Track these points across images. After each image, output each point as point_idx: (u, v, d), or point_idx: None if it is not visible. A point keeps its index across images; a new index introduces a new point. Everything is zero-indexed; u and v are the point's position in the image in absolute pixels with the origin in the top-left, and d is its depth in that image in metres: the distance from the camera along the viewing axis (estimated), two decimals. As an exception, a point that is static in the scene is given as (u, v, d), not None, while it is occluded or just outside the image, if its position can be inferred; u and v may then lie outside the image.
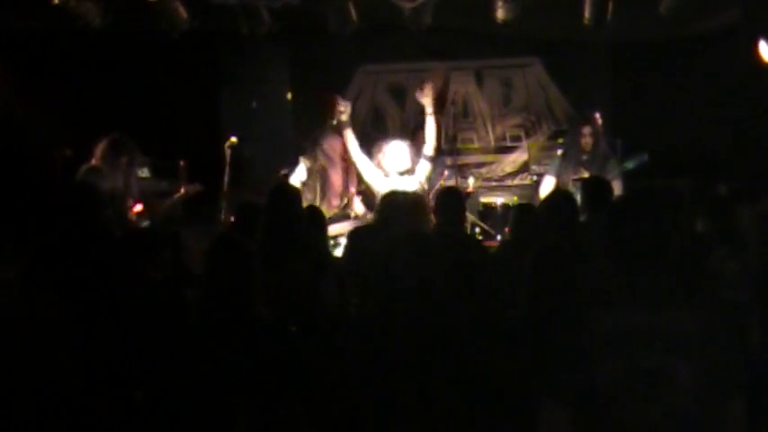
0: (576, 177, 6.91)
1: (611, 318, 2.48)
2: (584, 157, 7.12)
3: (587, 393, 2.47)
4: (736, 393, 2.50)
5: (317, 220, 5.19)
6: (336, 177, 7.08)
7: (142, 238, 4.39)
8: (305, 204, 5.28)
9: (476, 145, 9.14)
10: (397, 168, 6.31)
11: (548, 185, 7.17)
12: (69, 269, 3.76)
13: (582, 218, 5.04)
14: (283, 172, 7.30)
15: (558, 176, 7.14)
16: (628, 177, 7.19)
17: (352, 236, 5.24)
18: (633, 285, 2.52)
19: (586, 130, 7.17)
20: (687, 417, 2.44)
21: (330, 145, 7.01)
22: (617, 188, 6.35)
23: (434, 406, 2.86)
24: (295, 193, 5.12)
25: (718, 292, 4.14)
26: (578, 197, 6.67)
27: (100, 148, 6.30)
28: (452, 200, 5.29)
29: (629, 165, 7.01)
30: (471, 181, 8.39)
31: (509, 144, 9.15)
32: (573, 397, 2.50)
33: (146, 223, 6.49)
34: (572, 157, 7.19)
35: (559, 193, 5.40)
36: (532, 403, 2.69)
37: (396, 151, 6.38)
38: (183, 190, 6.85)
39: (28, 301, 2.99)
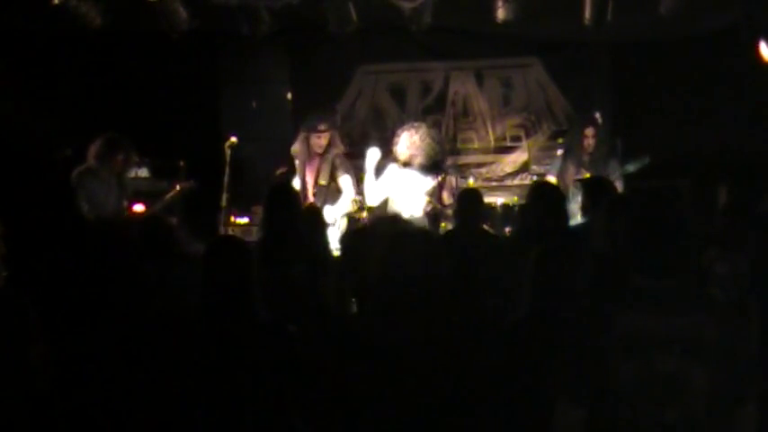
0: (577, 178, 6.91)
1: (629, 320, 2.47)
2: (586, 158, 7.12)
3: (602, 395, 2.47)
4: (750, 399, 2.50)
5: (316, 220, 5.20)
6: (309, 173, 7.05)
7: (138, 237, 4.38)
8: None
9: (476, 145, 9.14)
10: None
11: None
12: (64, 269, 3.77)
13: (583, 218, 5.05)
14: (280, 171, 7.29)
15: (560, 177, 7.14)
16: (627, 178, 7.20)
17: (352, 235, 5.25)
18: (652, 288, 2.51)
19: (589, 131, 7.17)
20: (702, 422, 2.43)
21: (311, 141, 6.97)
22: (618, 189, 6.35)
23: (435, 405, 2.86)
24: (294, 193, 5.13)
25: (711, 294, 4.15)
26: (579, 197, 6.70)
27: (95, 147, 6.29)
28: (470, 201, 5.39)
29: (631, 168, 7.01)
30: (471, 181, 8.41)
31: (509, 144, 9.15)
32: (587, 398, 2.49)
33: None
34: (573, 158, 7.19)
35: (538, 186, 5.44)
36: (538, 402, 2.69)
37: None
38: (178, 187, 6.85)
39: (6, 301, 3.01)
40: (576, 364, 2.53)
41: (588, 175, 6.83)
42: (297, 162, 6.98)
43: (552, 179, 7.18)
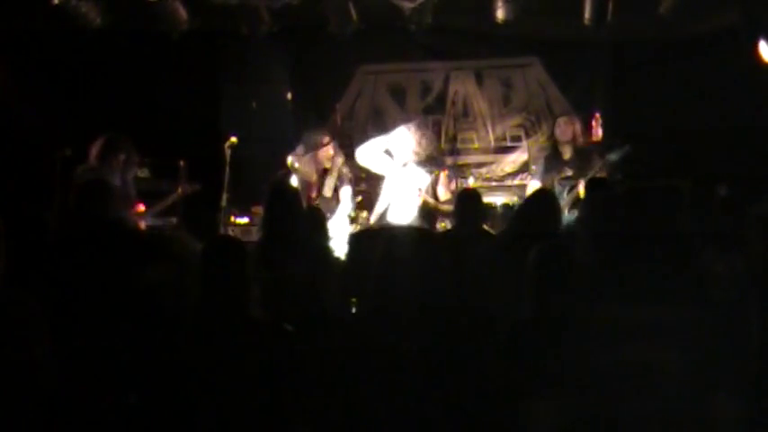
0: (561, 177, 6.96)
1: (601, 311, 2.49)
2: (567, 156, 7.13)
3: (577, 385, 2.48)
4: (726, 386, 2.52)
5: (316, 220, 5.20)
6: (314, 186, 7.14)
7: (141, 239, 4.38)
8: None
9: (476, 145, 9.13)
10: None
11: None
12: (63, 268, 3.77)
13: (569, 215, 5.07)
14: (281, 171, 7.32)
15: (543, 181, 7.18)
16: (629, 178, 7.21)
17: (354, 237, 5.25)
18: (624, 279, 2.53)
19: (562, 120, 7.21)
20: (676, 408, 2.45)
21: (319, 156, 7.08)
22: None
23: (435, 405, 2.86)
24: (294, 193, 5.13)
25: (706, 292, 4.15)
26: (564, 195, 6.76)
27: (96, 148, 6.27)
28: (469, 201, 5.38)
29: (613, 157, 7.00)
30: (471, 181, 8.41)
31: (509, 144, 9.14)
32: (563, 389, 2.51)
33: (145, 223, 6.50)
34: (551, 157, 7.21)
35: (539, 193, 5.48)
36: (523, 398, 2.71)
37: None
38: (180, 189, 6.84)
39: (11, 300, 3.01)
40: (553, 357, 2.54)
41: (571, 173, 6.89)
42: (298, 179, 7.03)
43: (537, 183, 7.21)
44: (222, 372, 3.05)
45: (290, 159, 7.12)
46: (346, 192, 7.00)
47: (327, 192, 7.02)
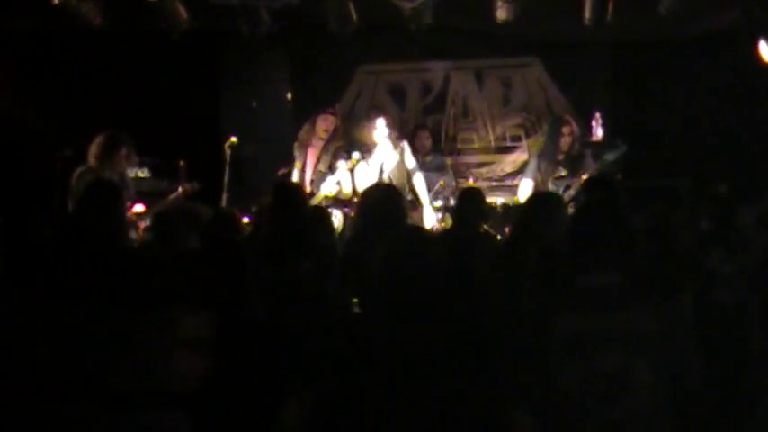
0: (555, 176, 6.98)
1: (569, 321, 2.48)
2: (561, 157, 7.15)
3: (548, 398, 2.47)
4: (700, 390, 2.52)
5: (321, 219, 5.20)
6: (311, 157, 7.20)
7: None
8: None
9: (476, 145, 9.14)
10: None
11: (526, 188, 7.20)
12: (66, 271, 3.76)
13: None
14: (282, 172, 7.33)
15: (535, 179, 7.19)
16: (629, 177, 7.22)
17: (353, 237, 5.23)
18: (591, 287, 2.52)
19: (566, 129, 7.22)
20: (649, 414, 2.44)
21: (321, 124, 7.16)
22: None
23: (433, 404, 2.86)
24: (298, 192, 5.14)
25: (712, 292, 4.15)
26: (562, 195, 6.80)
27: (96, 146, 6.24)
28: (469, 201, 5.34)
29: (610, 157, 7.00)
30: (471, 181, 8.42)
31: (509, 144, 9.15)
32: (534, 402, 2.50)
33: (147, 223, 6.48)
34: (548, 158, 7.23)
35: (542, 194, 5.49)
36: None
37: None
38: (180, 189, 6.83)
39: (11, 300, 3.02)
40: (523, 370, 2.53)
41: (565, 173, 6.91)
42: (297, 150, 7.09)
43: (530, 182, 7.21)
44: (225, 368, 3.05)
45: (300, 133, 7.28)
46: (342, 165, 7.06)
47: (322, 167, 7.10)
